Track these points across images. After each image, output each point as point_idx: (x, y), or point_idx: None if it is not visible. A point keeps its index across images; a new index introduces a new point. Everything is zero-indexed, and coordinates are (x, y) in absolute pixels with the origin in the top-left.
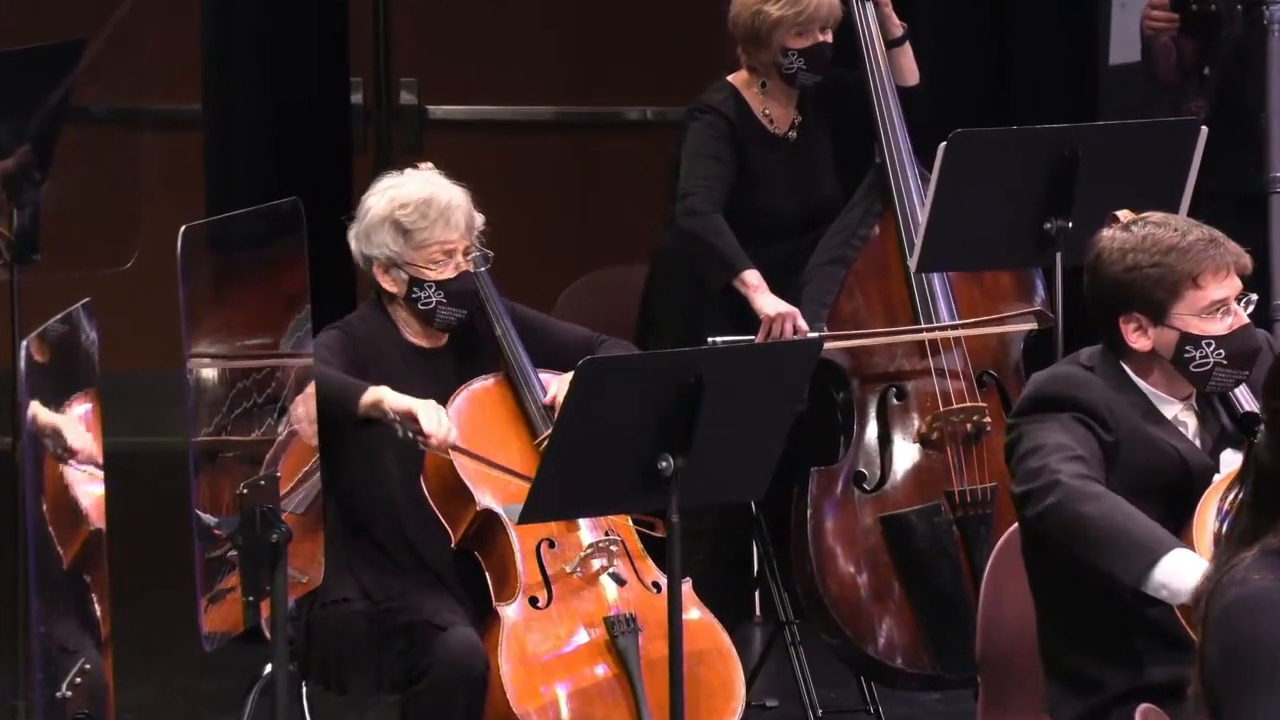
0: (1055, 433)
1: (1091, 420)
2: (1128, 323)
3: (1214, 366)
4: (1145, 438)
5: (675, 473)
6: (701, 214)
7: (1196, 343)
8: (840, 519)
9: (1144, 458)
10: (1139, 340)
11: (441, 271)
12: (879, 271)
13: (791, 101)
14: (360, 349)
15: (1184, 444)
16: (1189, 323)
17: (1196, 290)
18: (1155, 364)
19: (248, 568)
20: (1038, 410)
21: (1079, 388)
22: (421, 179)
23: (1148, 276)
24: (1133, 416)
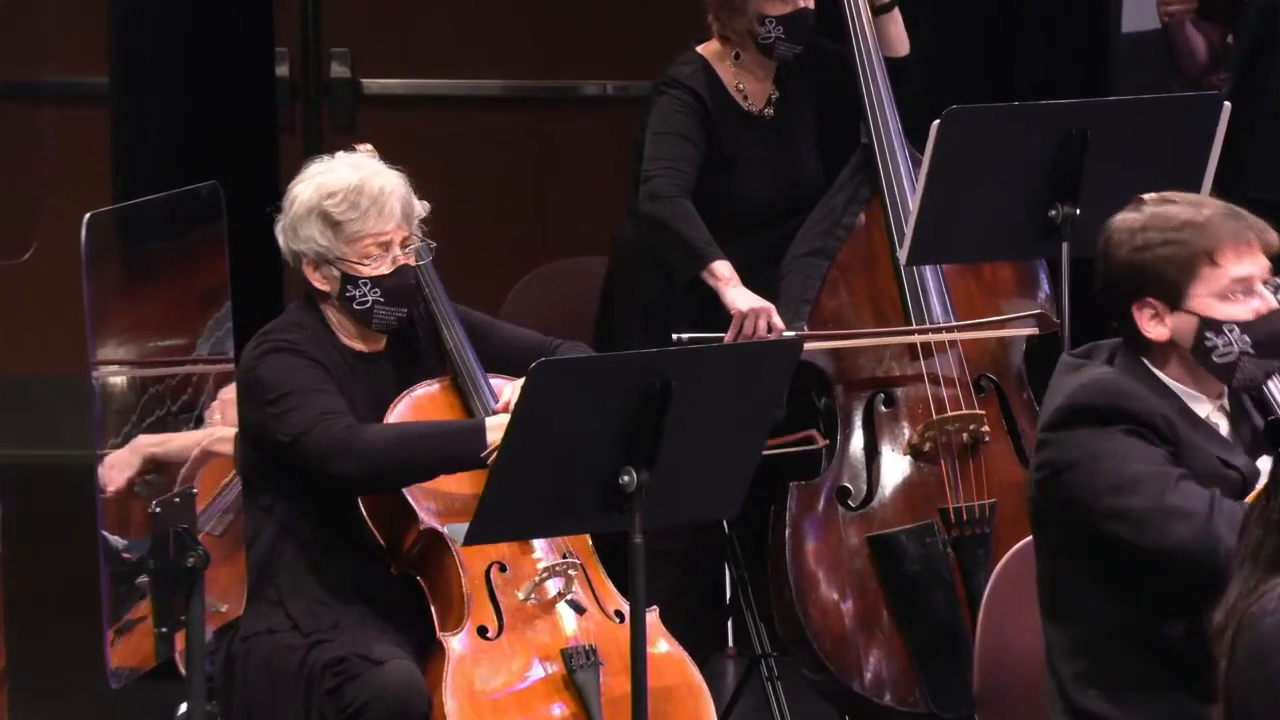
0: (1130, 456)
1: (1147, 430)
2: (1142, 310)
3: (1239, 356)
4: (1195, 447)
5: (639, 488)
6: (667, 198)
7: (1218, 328)
8: (823, 540)
9: (1202, 463)
10: (1155, 329)
11: (377, 267)
12: (865, 264)
13: (769, 75)
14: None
15: (1227, 451)
16: (1208, 305)
17: (1214, 268)
18: (1177, 357)
19: (160, 595)
20: (1079, 422)
21: (1126, 397)
22: (352, 164)
23: (1159, 256)
24: (1181, 424)
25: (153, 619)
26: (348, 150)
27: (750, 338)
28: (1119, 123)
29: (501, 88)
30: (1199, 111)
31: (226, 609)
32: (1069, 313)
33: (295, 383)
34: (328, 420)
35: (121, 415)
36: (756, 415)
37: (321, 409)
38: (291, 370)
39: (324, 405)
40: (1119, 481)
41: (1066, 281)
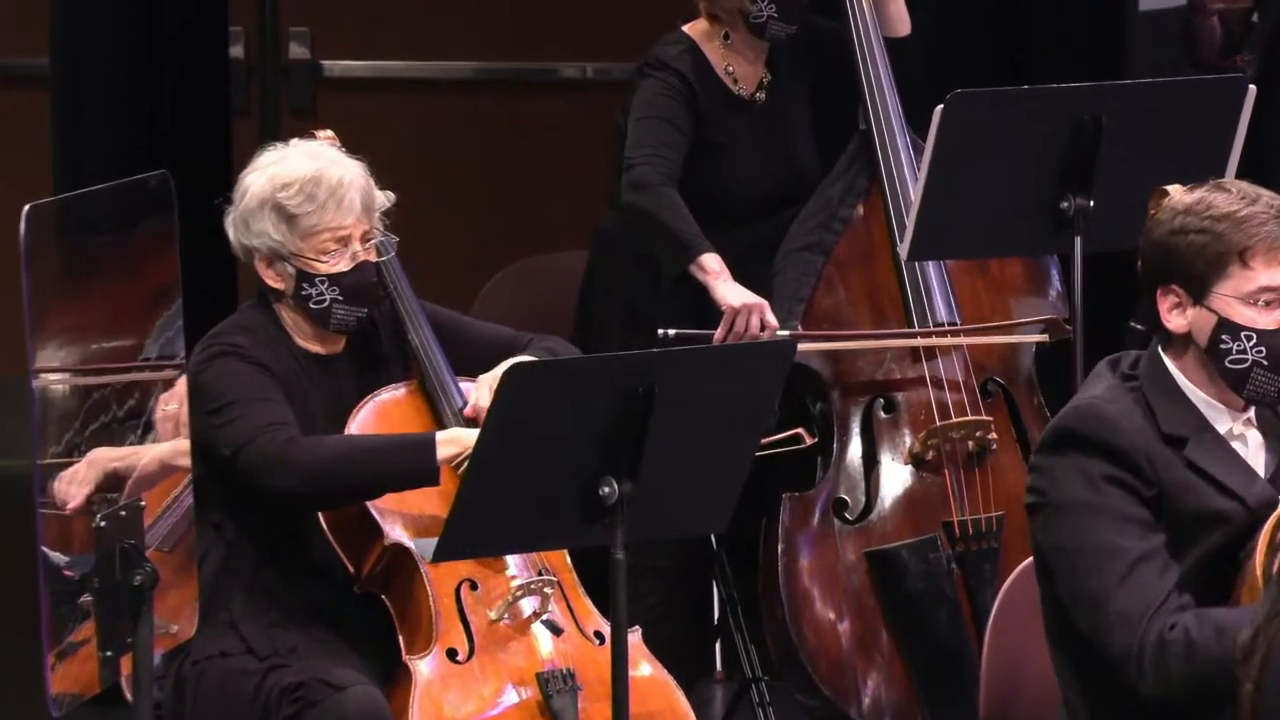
0: (1101, 526)
1: (1127, 475)
2: (1165, 297)
3: (1252, 366)
4: (1188, 482)
5: (621, 500)
6: (651, 187)
7: (1235, 332)
8: (818, 555)
9: (1193, 503)
10: (1175, 319)
11: (335, 263)
12: (863, 260)
13: (760, 57)
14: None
15: (1238, 475)
16: (1230, 306)
17: (1244, 269)
18: (1194, 355)
19: (105, 616)
20: (1062, 448)
21: (1112, 431)
22: (308, 152)
23: (1191, 243)
24: (1174, 456)
25: (97, 642)
26: (307, 137)
27: (742, 336)
28: (1136, 108)
29: (472, 70)
30: (1222, 95)
31: (176, 631)
32: (1082, 312)
33: (238, 391)
34: (269, 432)
35: (63, 422)
36: (747, 421)
37: (265, 420)
38: (235, 377)
39: (268, 416)
40: (1080, 546)
41: (1079, 279)
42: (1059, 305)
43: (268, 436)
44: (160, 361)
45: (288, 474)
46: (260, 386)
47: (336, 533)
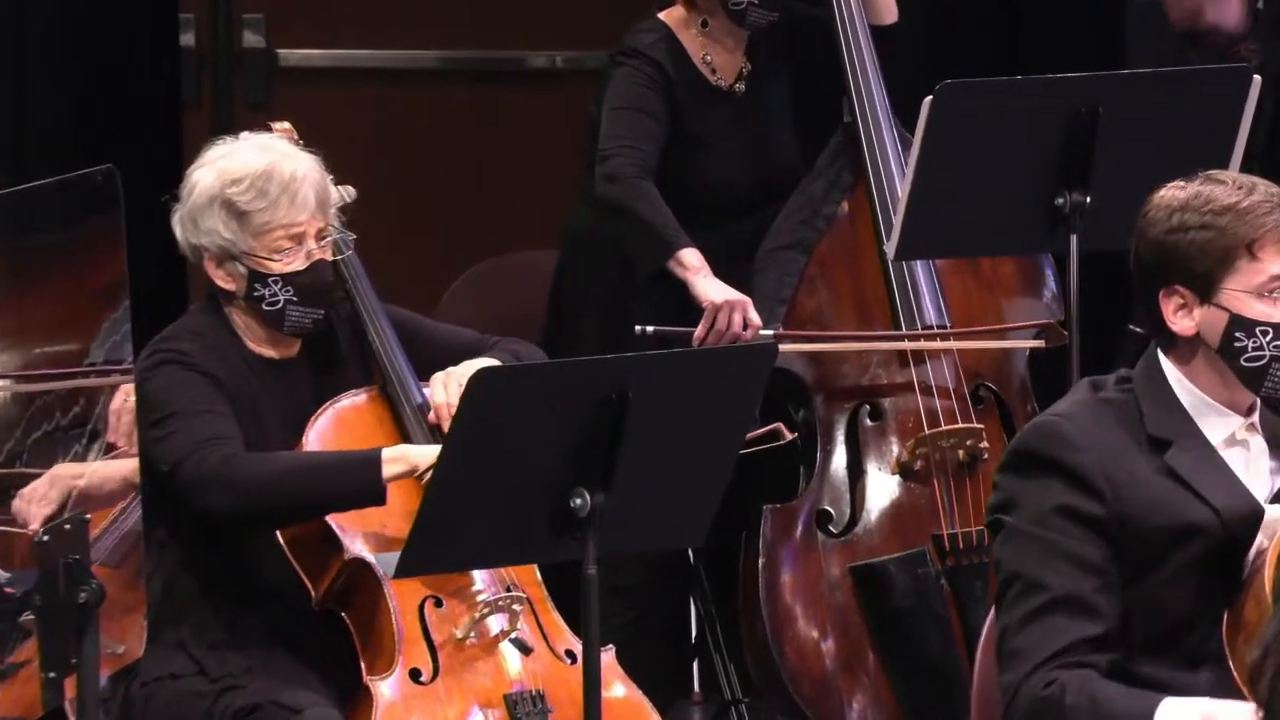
0: (1035, 557)
1: (1079, 498)
2: (1168, 299)
3: (1270, 361)
4: (1159, 496)
5: (593, 512)
6: (626, 179)
7: (1249, 329)
8: (800, 570)
9: (1161, 519)
10: (1181, 322)
11: (289, 262)
12: (848, 259)
13: (740, 45)
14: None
15: (1219, 484)
16: (1241, 302)
17: (1252, 262)
18: (1203, 357)
19: (48, 635)
20: (1019, 468)
21: (1066, 449)
22: (259, 146)
23: (1194, 241)
24: (1148, 466)
25: (40, 662)
26: (261, 130)
27: (723, 334)
28: (1135, 99)
29: (437, 59)
30: (1225, 86)
31: (124, 651)
32: (1078, 315)
33: (179, 402)
34: (207, 448)
35: (3, 430)
36: (726, 428)
37: (204, 435)
38: (177, 388)
39: (208, 430)
40: (1013, 572)
41: (1075, 279)
42: (1054, 307)
43: (205, 452)
44: (106, 367)
45: (224, 493)
46: (202, 398)
47: (294, 547)
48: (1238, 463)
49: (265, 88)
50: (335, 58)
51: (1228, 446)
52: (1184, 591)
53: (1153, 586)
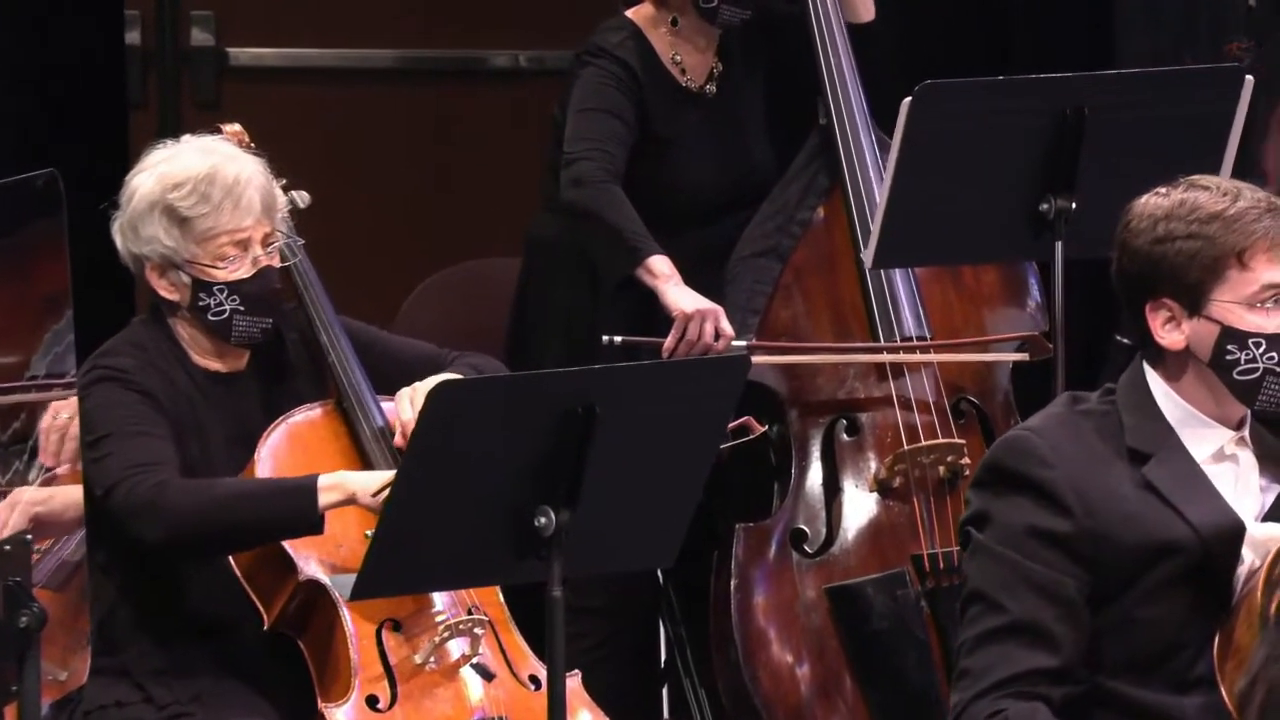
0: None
1: (1048, 517)
2: (1156, 312)
3: (1263, 374)
4: (1134, 511)
5: (558, 532)
6: (593, 183)
7: (1241, 340)
8: (774, 591)
9: (1137, 535)
10: (1169, 335)
11: (234, 270)
12: (824, 267)
13: (711, 45)
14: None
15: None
16: (1232, 314)
17: (1243, 271)
18: (1193, 371)
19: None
20: (991, 484)
21: (1036, 464)
22: (200, 148)
23: (1181, 250)
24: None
25: None
26: (210, 131)
27: (694, 344)
28: (1122, 100)
29: (394, 58)
30: (1217, 86)
31: (66, 678)
32: (1064, 325)
33: (114, 423)
34: (139, 474)
35: None
36: (696, 445)
37: (137, 459)
38: (114, 407)
39: (141, 454)
40: (975, 590)
41: (1061, 288)
42: (1038, 317)
43: (137, 479)
44: (48, 380)
45: (154, 522)
46: (138, 418)
47: (244, 568)
48: (1226, 478)
49: (215, 88)
50: (288, 57)
51: (1216, 461)
52: (1164, 611)
53: (1130, 605)
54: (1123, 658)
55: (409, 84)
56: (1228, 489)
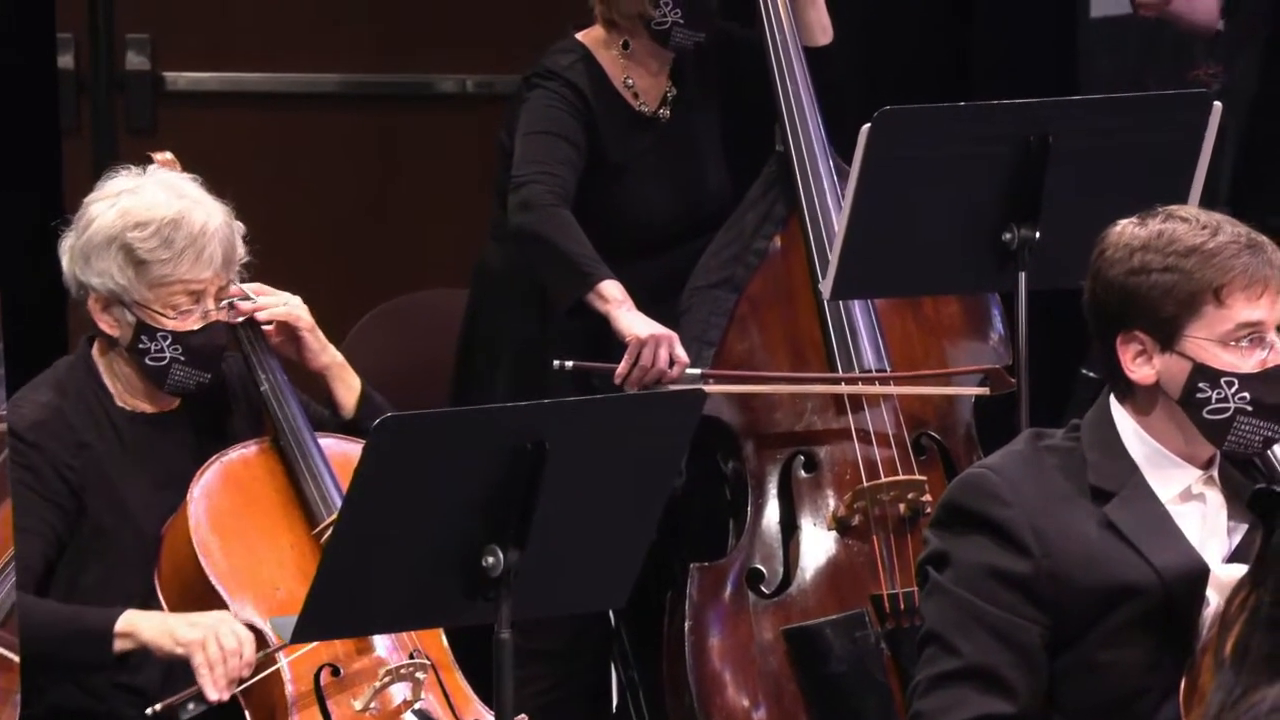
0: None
1: (1006, 557)
2: (1127, 345)
3: (1234, 414)
4: (1095, 552)
5: (507, 572)
6: (542, 207)
7: (1214, 379)
8: (730, 633)
9: (1096, 576)
10: (1140, 369)
11: (184, 321)
12: (781, 298)
13: (664, 68)
14: (54, 448)
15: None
16: (1205, 350)
17: (1219, 308)
18: (1162, 408)
19: None
20: (949, 524)
21: (993, 503)
22: (168, 188)
23: (1156, 284)
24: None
25: None
26: (143, 160)
27: (648, 371)
28: (1087, 127)
29: (337, 83)
30: (1184, 113)
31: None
32: (1027, 358)
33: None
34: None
35: None
36: (650, 482)
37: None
38: None
39: None
40: (930, 631)
41: (1024, 320)
42: (1001, 350)
43: None
44: None
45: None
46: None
47: (178, 610)
48: (1193, 518)
49: (151, 113)
50: (227, 81)
51: (1182, 501)
52: (1126, 655)
53: (1090, 649)
54: (1084, 703)
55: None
56: (1194, 529)
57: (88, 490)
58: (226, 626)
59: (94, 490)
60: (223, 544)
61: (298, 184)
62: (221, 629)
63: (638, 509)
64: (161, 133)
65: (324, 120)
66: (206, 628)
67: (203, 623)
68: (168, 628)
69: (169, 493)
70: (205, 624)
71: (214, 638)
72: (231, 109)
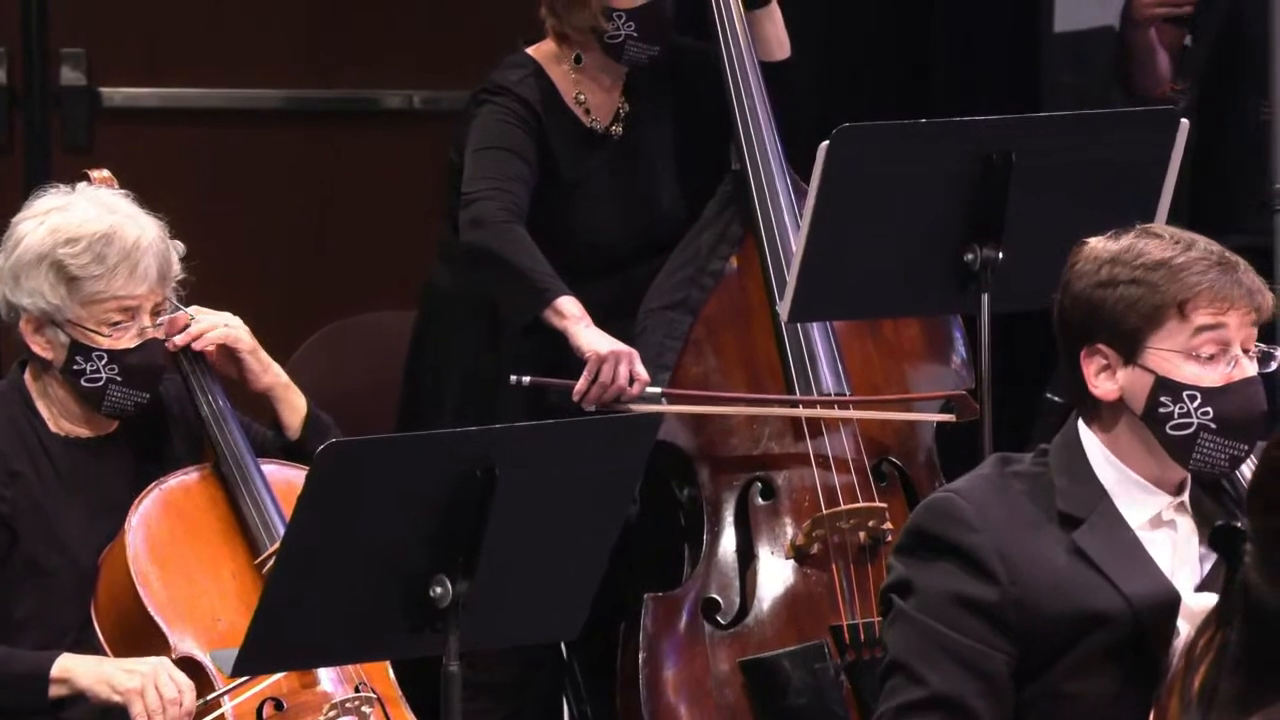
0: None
1: (973, 584)
2: (1091, 359)
3: (1198, 431)
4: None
5: (455, 603)
6: (495, 224)
7: (1176, 393)
8: (685, 665)
9: (1063, 604)
10: (1103, 384)
11: (119, 338)
12: (737, 320)
13: (617, 84)
14: None
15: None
16: (1168, 362)
17: (1183, 322)
18: (1127, 426)
19: None
20: (914, 550)
21: (959, 527)
22: (98, 203)
23: (1122, 296)
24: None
25: None
26: (79, 178)
27: (607, 387)
28: (1051, 144)
29: (280, 99)
30: (1151, 130)
31: None
32: (990, 382)
33: None
34: None
35: None
36: (603, 510)
37: None
38: None
39: None
40: (895, 660)
41: (987, 343)
42: (964, 374)
43: None
44: None
45: None
46: None
47: (114, 644)
48: (1164, 545)
49: (87, 130)
50: (165, 97)
51: (1153, 528)
52: (1094, 686)
53: (1058, 679)
54: None
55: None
56: (1164, 557)
57: (19, 520)
58: (165, 674)
59: (26, 520)
60: (162, 574)
61: (239, 202)
62: (160, 676)
63: (591, 537)
64: (98, 150)
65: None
66: (145, 675)
67: (140, 670)
68: (104, 675)
69: (106, 521)
70: (143, 671)
71: (152, 686)
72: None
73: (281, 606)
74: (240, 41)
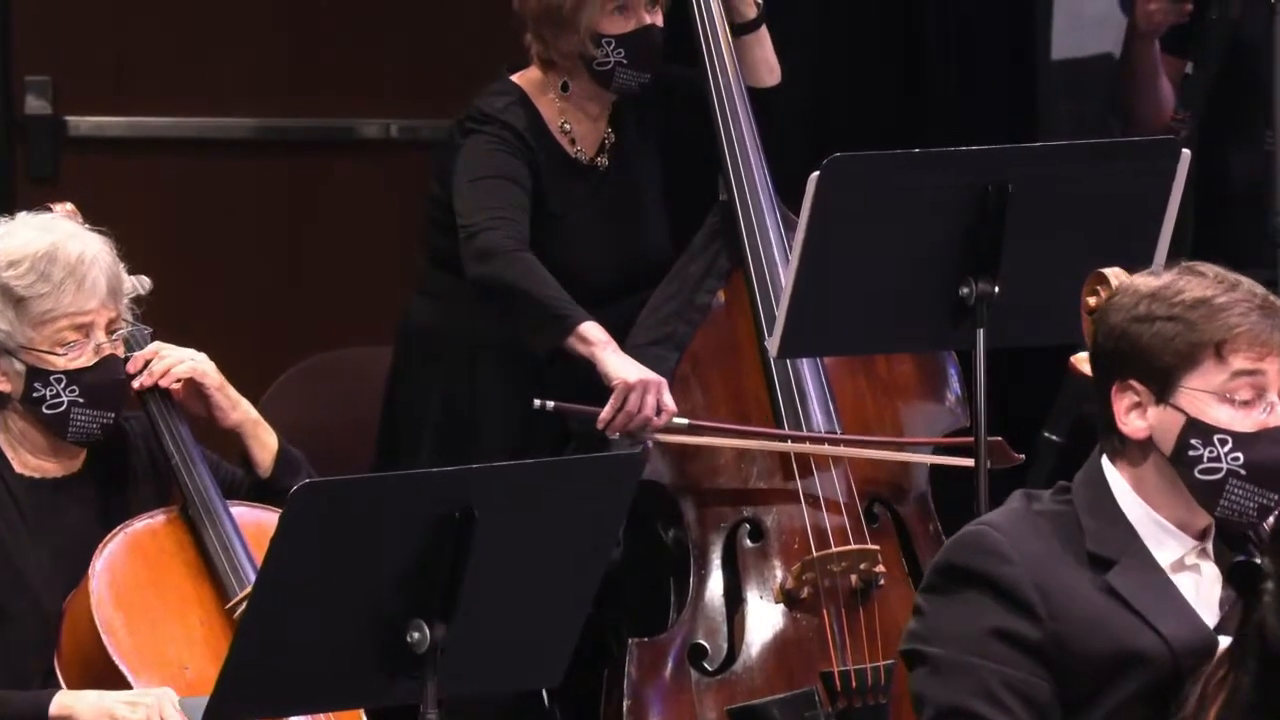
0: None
1: (1013, 618)
2: (1121, 395)
3: (1227, 477)
4: (1099, 617)
5: (434, 648)
6: (504, 253)
7: (1207, 435)
8: (671, 713)
9: (1103, 642)
10: (1133, 422)
11: (74, 357)
12: (725, 356)
13: (604, 113)
14: None
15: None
16: (1201, 404)
17: (1219, 363)
18: (1154, 467)
19: None
20: (947, 587)
21: (995, 561)
22: (39, 225)
23: (1158, 333)
24: (1088, 585)
25: None
26: (41, 209)
27: (634, 416)
28: (1049, 174)
29: (252, 128)
30: (1152, 160)
31: None
32: (985, 420)
33: None
34: None
35: None
36: (586, 553)
37: None
38: None
39: None
40: (944, 706)
41: (983, 380)
42: (959, 411)
43: None
44: None
45: None
46: None
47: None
48: (1187, 589)
49: (52, 159)
50: (133, 126)
51: (1175, 571)
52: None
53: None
54: None
55: (268, 156)
56: (1187, 600)
57: None
58: (170, 706)
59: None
60: (127, 620)
61: (210, 234)
62: (165, 708)
63: (573, 580)
64: (64, 181)
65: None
66: (149, 707)
67: (144, 702)
68: (106, 708)
69: (71, 563)
70: (147, 704)
71: (157, 718)
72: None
73: (252, 653)
74: (211, 69)
